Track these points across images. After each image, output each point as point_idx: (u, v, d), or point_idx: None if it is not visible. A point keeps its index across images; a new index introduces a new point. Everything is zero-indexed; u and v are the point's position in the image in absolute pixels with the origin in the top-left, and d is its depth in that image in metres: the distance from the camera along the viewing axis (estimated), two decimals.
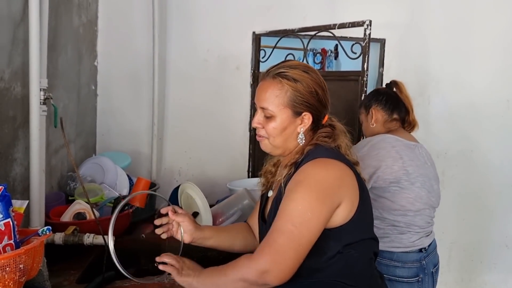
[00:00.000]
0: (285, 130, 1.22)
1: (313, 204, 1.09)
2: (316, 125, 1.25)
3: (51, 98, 1.61)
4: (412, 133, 1.94)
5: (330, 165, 1.16)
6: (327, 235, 1.13)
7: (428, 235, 1.79)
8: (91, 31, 2.40)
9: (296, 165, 1.20)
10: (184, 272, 1.18)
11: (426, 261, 1.75)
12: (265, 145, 1.27)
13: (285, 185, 1.18)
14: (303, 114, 1.21)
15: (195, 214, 1.91)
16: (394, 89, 1.91)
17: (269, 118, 1.22)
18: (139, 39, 2.56)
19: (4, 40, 1.41)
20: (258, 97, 1.24)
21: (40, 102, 1.52)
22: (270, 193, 1.35)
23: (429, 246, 1.78)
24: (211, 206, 1.99)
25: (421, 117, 2.94)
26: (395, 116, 1.86)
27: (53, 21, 1.77)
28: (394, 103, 1.86)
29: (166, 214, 1.32)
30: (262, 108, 1.23)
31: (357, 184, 1.18)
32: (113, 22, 2.53)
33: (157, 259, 1.21)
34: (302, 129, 1.23)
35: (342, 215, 1.14)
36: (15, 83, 1.48)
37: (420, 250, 1.74)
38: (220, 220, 2.00)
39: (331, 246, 1.15)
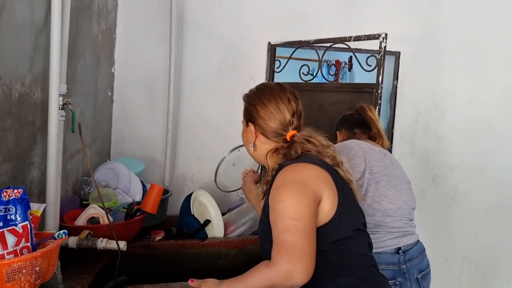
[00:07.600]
0: (245, 138, 1.42)
1: (300, 198, 1.15)
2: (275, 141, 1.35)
3: (69, 104, 1.64)
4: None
5: (301, 166, 1.24)
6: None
7: (405, 235, 1.74)
8: (110, 39, 2.44)
9: (271, 182, 1.26)
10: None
11: (408, 265, 1.70)
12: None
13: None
14: (249, 124, 1.37)
15: (207, 222, 1.93)
16: (359, 112, 2.06)
17: None
18: (156, 47, 2.59)
19: (27, 46, 1.45)
20: None
21: (59, 107, 1.55)
22: None
23: (410, 248, 1.73)
24: (223, 214, 2.00)
25: (434, 131, 2.96)
26: (356, 131, 2.03)
27: (73, 28, 1.81)
28: (354, 122, 2.05)
29: None
30: None
31: (333, 183, 1.23)
32: (131, 31, 2.57)
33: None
34: (252, 138, 1.37)
35: (325, 211, 1.19)
36: (35, 88, 1.51)
37: (397, 252, 1.69)
38: (231, 228, 2.01)
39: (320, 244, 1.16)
